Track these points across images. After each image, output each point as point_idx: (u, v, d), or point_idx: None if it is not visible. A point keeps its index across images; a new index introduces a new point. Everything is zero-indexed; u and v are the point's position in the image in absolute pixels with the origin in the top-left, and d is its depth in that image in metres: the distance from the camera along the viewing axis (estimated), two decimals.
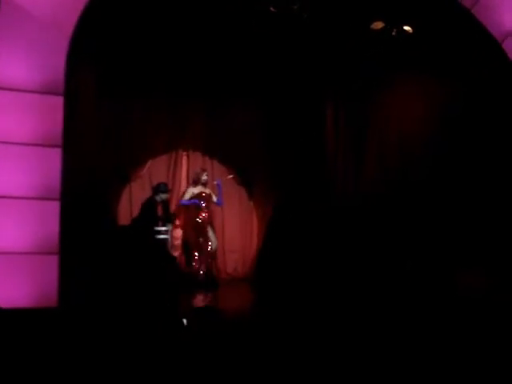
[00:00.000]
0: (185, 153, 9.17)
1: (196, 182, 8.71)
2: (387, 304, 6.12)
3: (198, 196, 8.62)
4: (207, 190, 8.74)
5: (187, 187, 8.88)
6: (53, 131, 5.52)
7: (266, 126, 9.30)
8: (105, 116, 7.76)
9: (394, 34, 7.92)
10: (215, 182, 8.79)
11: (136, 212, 8.05)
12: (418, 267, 7.28)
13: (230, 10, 7.24)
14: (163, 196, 8.01)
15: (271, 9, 7.24)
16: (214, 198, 8.76)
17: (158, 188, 8.03)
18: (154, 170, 8.84)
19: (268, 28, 7.66)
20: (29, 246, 5.39)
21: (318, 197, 8.89)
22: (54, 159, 5.52)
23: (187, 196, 8.64)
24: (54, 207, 5.52)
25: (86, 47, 6.72)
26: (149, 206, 7.83)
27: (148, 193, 8.49)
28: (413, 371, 3.24)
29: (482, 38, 6.84)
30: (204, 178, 8.67)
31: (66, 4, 5.67)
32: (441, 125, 8.28)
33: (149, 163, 8.76)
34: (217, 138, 9.15)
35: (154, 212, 7.82)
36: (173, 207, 8.67)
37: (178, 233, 8.90)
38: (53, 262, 5.50)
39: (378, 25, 7.87)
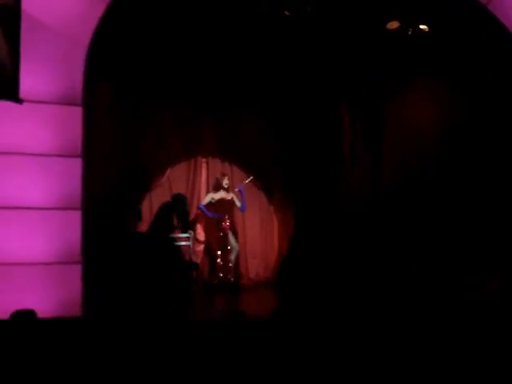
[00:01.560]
0: (204, 160, 9.17)
1: (217, 188, 8.69)
2: (394, 307, 6.08)
3: (220, 202, 8.58)
4: (229, 196, 8.68)
5: (207, 193, 8.88)
6: (72, 141, 5.58)
7: (283, 130, 9.27)
8: (123, 126, 7.82)
9: (409, 33, 7.87)
10: (237, 189, 8.74)
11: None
12: (425, 271, 7.20)
13: (240, 14, 7.27)
14: (180, 207, 7.96)
15: (285, 13, 7.25)
16: (238, 203, 8.71)
17: (178, 199, 7.98)
18: (174, 177, 8.86)
19: (281, 31, 7.68)
20: (51, 256, 5.44)
21: (335, 200, 8.85)
22: (74, 169, 5.57)
23: (206, 200, 8.61)
24: (76, 217, 5.57)
25: (103, 58, 6.78)
26: (166, 213, 7.79)
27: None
28: (418, 373, 3.21)
29: (498, 35, 6.77)
30: (225, 182, 8.62)
31: (82, 16, 5.73)
32: (456, 127, 8.22)
33: (168, 171, 8.78)
34: (235, 144, 9.13)
35: (170, 219, 7.78)
36: (192, 215, 8.67)
37: (201, 237, 8.90)
38: (76, 272, 5.55)
39: (394, 24, 7.83)
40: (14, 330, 3.63)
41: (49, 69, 5.56)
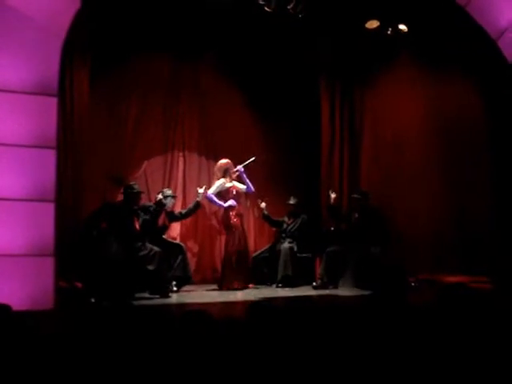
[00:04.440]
0: (181, 153, 9.09)
1: (224, 176, 8.09)
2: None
3: (226, 191, 8.07)
4: (236, 186, 8.14)
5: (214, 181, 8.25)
6: (47, 132, 5.52)
7: (260, 124, 9.22)
8: (99, 117, 7.74)
9: (389, 32, 7.92)
10: (236, 169, 8.08)
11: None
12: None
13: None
14: (169, 203, 7.80)
15: (266, 8, 7.23)
16: (243, 187, 8.17)
17: (163, 194, 7.68)
18: (150, 171, 8.78)
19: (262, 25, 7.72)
20: (24, 248, 5.38)
21: (314, 197, 8.85)
22: (48, 160, 5.51)
23: (214, 189, 8.03)
24: (49, 209, 5.51)
25: (80, 48, 6.74)
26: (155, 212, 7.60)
27: (144, 194, 8.46)
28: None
29: (476, 36, 6.85)
30: (232, 169, 8.10)
31: (59, 5, 5.68)
32: (436, 123, 8.32)
33: (145, 164, 8.70)
34: (212, 138, 9.05)
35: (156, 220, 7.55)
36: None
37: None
38: (48, 264, 5.49)
39: (373, 24, 7.86)
40: None
41: (24, 59, 5.50)
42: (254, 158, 8.16)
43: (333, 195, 8.20)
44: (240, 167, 8.08)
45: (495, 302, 5.90)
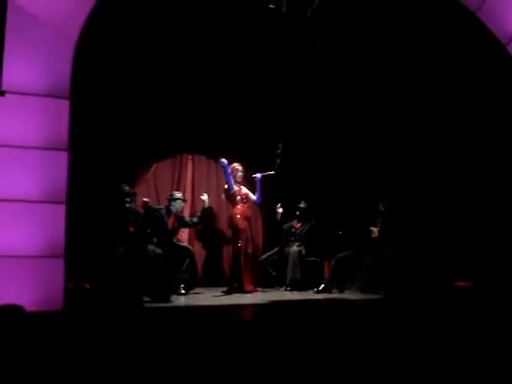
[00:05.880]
0: (190, 156, 9.12)
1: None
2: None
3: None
4: (243, 190, 8.14)
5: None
6: (59, 134, 5.55)
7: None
8: (110, 120, 7.78)
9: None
10: (255, 176, 8.05)
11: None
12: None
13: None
14: (178, 206, 7.86)
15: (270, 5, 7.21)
16: (253, 197, 8.16)
17: (172, 197, 7.84)
18: (159, 173, 8.81)
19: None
20: (35, 249, 5.40)
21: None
22: (60, 162, 5.55)
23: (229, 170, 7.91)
24: (60, 211, 5.54)
25: (92, 51, 6.77)
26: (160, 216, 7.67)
27: (153, 197, 8.50)
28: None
29: (486, 41, 6.86)
30: (239, 174, 8.06)
31: (71, 8, 5.71)
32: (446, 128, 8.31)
33: (154, 167, 8.74)
34: (221, 141, 9.04)
35: (164, 223, 7.67)
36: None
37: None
38: (58, 266, 5.52)
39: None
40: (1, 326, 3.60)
41: (37, 61, 5.53)
42: (273, 172, 8.07)
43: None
44: (259, 175, 8.07)
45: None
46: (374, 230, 7.79)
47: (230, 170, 7.93)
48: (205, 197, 8.04)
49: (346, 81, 8.97)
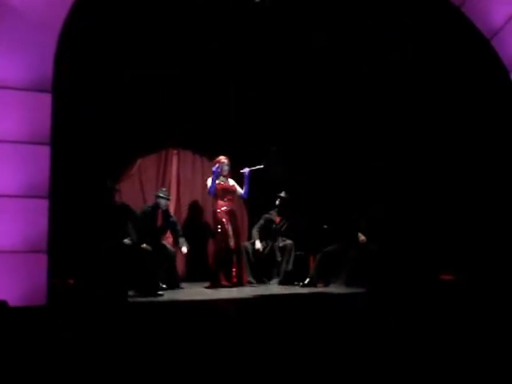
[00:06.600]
0: (175, 151, 9.08)
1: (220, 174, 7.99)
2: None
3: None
4: (230, 182, 8.12)
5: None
6: (41, 128, 5.49)
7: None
8: (94, 114, 7.73)
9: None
10: (243, 171, 8.02)
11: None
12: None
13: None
14: (164, 203, 7.83)
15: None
16: (240, 190, 8.12)
17: (160, 194, 7.81)
18: (144, 168, 8.78)
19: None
20: (17, 244, 5.35)
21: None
22: (42, 157, 5.49)
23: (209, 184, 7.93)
24: (43, 205, 5.49)
25: (75, 44, 6.71)
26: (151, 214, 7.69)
27: (138, 192, 8.48)
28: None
29: (471, 36, 6.88)
30: (226, 168, 8.01)
31: (53, 1, 5.64)
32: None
33: (139, 162, 8.70)
34: (206, 136, 9.02)
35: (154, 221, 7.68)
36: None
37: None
38: (41, 261, 5.47)
39: None
40: None
41: (17, 54, 5.45)
42: (262, 166, 8.07)
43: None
44: (247, 170, 8.04)
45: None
46: (361, 234, 7.81)
47: (216, 166, 7.93)
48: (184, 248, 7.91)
49: (345, 76, 8.95)
